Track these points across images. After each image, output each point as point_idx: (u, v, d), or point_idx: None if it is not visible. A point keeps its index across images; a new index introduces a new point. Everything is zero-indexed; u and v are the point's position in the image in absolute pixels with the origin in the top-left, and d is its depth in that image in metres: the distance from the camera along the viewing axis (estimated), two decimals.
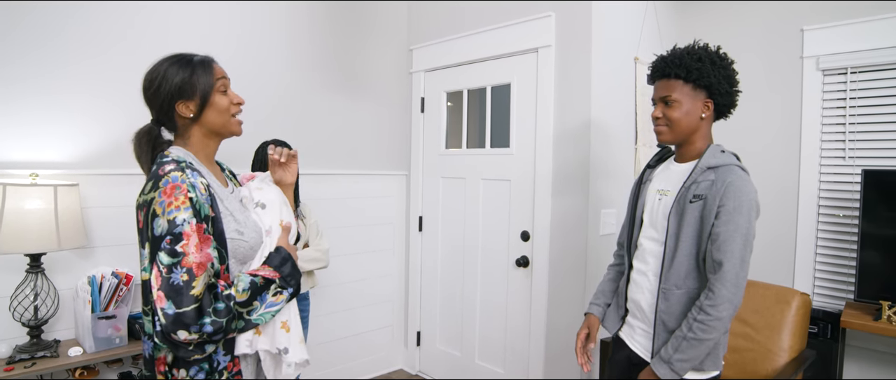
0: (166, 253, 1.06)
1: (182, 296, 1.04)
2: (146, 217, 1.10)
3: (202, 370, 1.14)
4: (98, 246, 2.28)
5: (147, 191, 1.12)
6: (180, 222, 1.06)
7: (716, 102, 1.54)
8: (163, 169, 1.12)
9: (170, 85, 1.19)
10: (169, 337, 1.07)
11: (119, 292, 2.17)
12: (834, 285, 2.54)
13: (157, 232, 1.07)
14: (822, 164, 2.57)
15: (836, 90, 2.52)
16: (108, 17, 2.28)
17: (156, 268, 1.06)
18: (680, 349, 1.42)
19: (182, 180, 1.09)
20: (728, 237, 1.38)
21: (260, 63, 2.78)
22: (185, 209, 1.07)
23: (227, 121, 1.26)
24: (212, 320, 1.07)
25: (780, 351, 2.27)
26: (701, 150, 1.55)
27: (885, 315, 2.14)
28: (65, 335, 2.20)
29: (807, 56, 2.57)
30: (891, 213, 2.26)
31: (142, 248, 1.14)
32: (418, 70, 3.39)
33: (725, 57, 1.54)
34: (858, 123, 2.47)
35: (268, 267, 1.20)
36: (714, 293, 1.38)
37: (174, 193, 1.08)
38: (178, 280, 1.05)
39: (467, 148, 3.18)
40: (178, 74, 1.19)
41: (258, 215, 1.28)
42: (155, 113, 1.23)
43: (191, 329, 1.05)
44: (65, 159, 2.20)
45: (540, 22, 2.63)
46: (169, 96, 1.19)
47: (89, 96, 2.25)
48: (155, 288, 1.07)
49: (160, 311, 1.05)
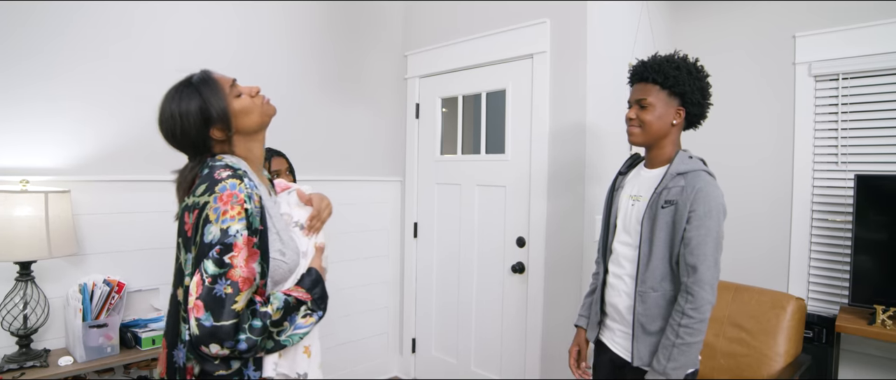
0: (213, 262, 1.02)
1: (223, 309, 1.00)
2: (197, 220, 1.06)
3: None
4: (90, 253, 2.25)
5: (199, 193, 1.08)
6: (233, 233, 1.03)
7: (688, 112, 1.60)
8: (218, 174, 1.09)
9: (191, 120, 1.13)
10: (198, 349, 1.03)
11: (111, 300, 2.15)
12: (828, 289, 2.56)
13: (207, 239, 1.03)
14: (815, 169, 2.58)
15: (828, 96, 2.54)
16: (102, 24, 2.27)
17: (199, 275, 1.02)
18: (672, 357, 1.45)
19: (240, 190, 1.06)
20: (700, 241, 1.43)
21: (256, 72, 2.77)
22: (239, 220, 1.04)
23: (259, 113, 1.21)
24: (247, 336, 1.03)
25: (776, 356, 2.27)
26: (670, 155, 1.61)
27: (879, 319, 2.15)
28: (55, 344, 2.17)
29: (799, 62, 2.59)
30: (883, 217, 2.28)
31: (186, 251, 1.09)
32: (413, 76, 3.39)
33: (701, 69, 1.61)
34: (850, 128, 2.49)
35: (300, 288, 1.17)
36: (694, 296, 1.43)
37: (231, 201, 1.04)
38: (221, 292, 1.01)
39: (462, 154, 3.18)
40: (192, 104, 1.13)
41: (297, 236, 1.25)
42: (190, 150, 1.19)
43: (224, 344, 1.01)
44: (56, 166, 2.18)
45: (535, 28, 2.64)
46: (197, 130, 1.14)
47: (81, 102, 2.23)
48: (193, 295, 1.02)
49: (194, 321, 1.01)
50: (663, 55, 1.62)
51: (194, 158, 1.19)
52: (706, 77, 1.61)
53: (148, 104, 2.39)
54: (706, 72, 1.62)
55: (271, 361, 1.15)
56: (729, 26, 2.86)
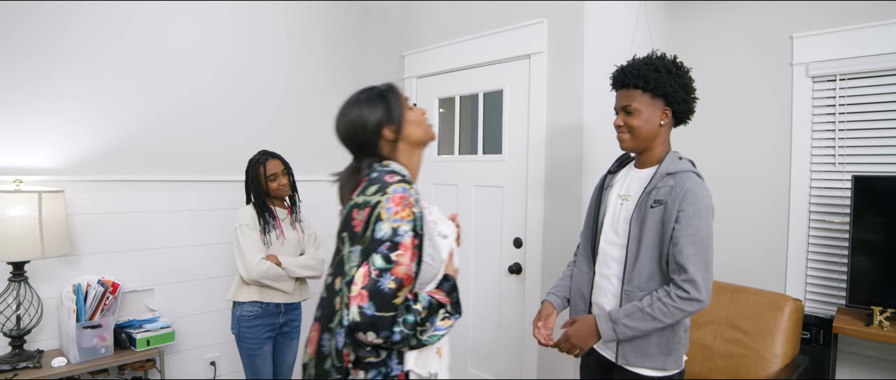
0: (382, 257, 1.12)
1: (385, 301, 1.10)
2: (368, 218, 1.17)
3: (380, 374, 1.19)
4: (84, 254, 2.24)
5: (371, 193, 1.20)
6: (402, 233, 1.14)
7: (674, 110, 1.60)
8: (389, 177, 1.21)
9: (373, 120, 1.29)
10: (355, 335, 1.13)
11: (105, 301, 2.13)
12: (826, 290, 2.55)
13: (378, 235, 1.14)
14: (813, 170, 2.58)
15: (825, 97, 2.54)
16: (100, 25, 2.26)
17: (367, 267, 1.12)
18: (631, 316, 1.47)
19: (411, 194, 1.18)
20: (689, 241, 1.43)
21: (251, 73, 2.77)
22: (408, 222, 1.15)
23: (423, 129, 1.36)
24: (400, 329, 1.12)
25: (774, 357, 2.27)
26: (660, 156, 1.61)
27: (876, 321, 2.14)
28: (48, 345, 2.15)
29: (797, 63, 2.59)
30: (881, 219, 2.27)
31: (351, 245, 1.21)
32: (410, 76, 3.38)
33: (681, 66, 1.61)
34: (848, 129, 2.48)
35: (440, 292, 1.26)
36: (688, 293, 1.42)
37: (403, 203, 1.16)
38: (385, 286, 1.10)
39: (459, 154, 3.17)
40: (377, 108, 1.30)
41: (440, 244, 1.35)
42: (359, 150, 1.33)
43: (380, 333, 1.11)
44: (50, 165, 2.17)
45: (532, 28, 2.63)
46: (375, 131, 1.29)
47: (77, 103, 2.22)
48: (358, 284, 1.12)
49: (357, 308, 1.10)
50: (641, 58, 1.62)
51: (361, 160, 1.32)
52: (687, 73, 1.61)
53: (144, 105, 2.41)
54: (686, 68, 1.61)
55: (412, 356, 1.22)
56: (727, 26, 2.85)
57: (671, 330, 1.52)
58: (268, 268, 2.18)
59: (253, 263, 2.17)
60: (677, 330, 1.53)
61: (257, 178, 2.28)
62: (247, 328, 2.23)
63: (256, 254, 2.18)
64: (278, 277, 2.22)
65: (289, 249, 2.31)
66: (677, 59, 1.61)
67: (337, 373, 1.19)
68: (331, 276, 1.29)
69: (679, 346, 1.54)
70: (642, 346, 1.52)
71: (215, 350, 2.67)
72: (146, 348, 2.20)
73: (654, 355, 1.52)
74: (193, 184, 2.56)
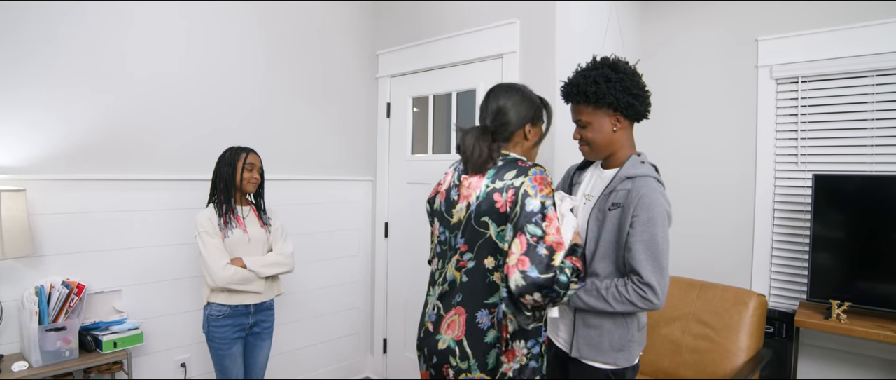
0: (536, 226, 1.31)
1: (544, 264, 1.28)
2: (515, 196, 1.36)
3: (537, 344, 1.43)
4: (47, 255, 2.18)
5: (511, 178, 1.39)
6: (548, 206, 1.34)
7: (624, 113, 1.59)
8: (523, 163, 1.42)
9: (524, 113, 1.52)
10: (520, 299, 1.31)
11: (70, 303, 2.08)
12: (788, 285, 2.63)
13: (529, 208, 1.33)
14: (777, 169, 2.65)
15: (788, 98, 2.62)
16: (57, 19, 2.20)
17: (523, 237, 1.31)
18: (588, 292, 1.53)
19: (547, 175, 1.39)
20: (643, 247, 1.46)
21: (222, 71, 2.72)
22: (549, 198, 1.36)
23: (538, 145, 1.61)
24: (558, 288, 1.29)
25: (739, 351, 2.33)
26: (624, 158, 1.62)
27: (834, 314, 2.21)
28: (9, 350, 2.09)
29: (761, 65, 2.66)
30: (840, 216, 2.35)
31: (498, 225, 1.38)
32: (384, 75, 3.37)
33: (623, 68, 1.58)
34: (809, 129, 2.56)
35: (576, 258, 1.42)
36: (644, 294, 1.45)
37: (543, 182, 1.37)
38: (541, 251, 1.29)
39: (433, 153, 3.18)
40: (531, 107, 1.53)
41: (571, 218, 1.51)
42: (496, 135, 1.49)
43: (544, 291, 1.27)
44: (10, 163, 2.10)
45: (505, 28, 2.65)
46: (522, 121, 1.51)
47: (37, 99, 2.16)
48: (516, 253, 1.30)
49: (519, 274, 1.28)
50: (582, 70, 1.62)
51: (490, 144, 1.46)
52: (631, 74, 1.58)
53: (109, 102, 2.35)
54: (629, 69, 1.59)
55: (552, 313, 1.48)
56: (696, 27, 2.91)
57: (624, 327, 1.55)
58: (233, 273, 2.14)
59: (217, 270, 2.12)
60: (631, 328, 1.56)
61: (234, 167, 2.22)
62: (216, 328, 2.20)
63: (220, 260, 2.13)
64: (246, 279, 2.19)
65: (256, 247, 2.28)
66: (619, 59, 1.60)
67: (498, 343, 1.37)
68: (477, 259, 1.42)
69: (632, 343, 1.57)
70: (596, 341, 1.56)
71: (186, 351, 2.63)
72: (113, 351, 2.15)
73: (607, 351, 1.55)
74: (161, 183, 2.51)
